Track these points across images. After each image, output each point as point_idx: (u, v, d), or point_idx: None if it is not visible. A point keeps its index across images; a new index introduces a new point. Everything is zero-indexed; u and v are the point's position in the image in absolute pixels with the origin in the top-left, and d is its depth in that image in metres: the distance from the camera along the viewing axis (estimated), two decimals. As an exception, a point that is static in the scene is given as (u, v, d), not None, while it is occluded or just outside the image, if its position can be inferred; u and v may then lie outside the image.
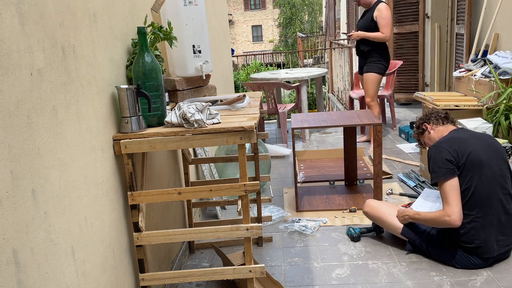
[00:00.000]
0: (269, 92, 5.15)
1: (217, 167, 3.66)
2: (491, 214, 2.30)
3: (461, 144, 2.34)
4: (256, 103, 2.31)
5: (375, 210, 2.73)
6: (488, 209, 2.30)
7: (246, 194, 1.82)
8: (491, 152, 2.36)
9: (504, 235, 2.35)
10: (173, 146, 1.75)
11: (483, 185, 2.29)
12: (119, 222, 1.76)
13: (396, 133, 5.22)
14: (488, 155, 2.34)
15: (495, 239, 2.33)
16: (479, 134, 2.47)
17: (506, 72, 3.65)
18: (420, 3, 6.42)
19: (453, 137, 2.41)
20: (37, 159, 1.21)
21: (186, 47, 2.31)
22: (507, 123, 3.47)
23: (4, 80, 1.09)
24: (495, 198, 2.30)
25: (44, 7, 1.29)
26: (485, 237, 2.31)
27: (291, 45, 28.78)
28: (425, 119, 2.61)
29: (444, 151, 2.33)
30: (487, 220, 2.30)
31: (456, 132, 2.47)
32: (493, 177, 2.31)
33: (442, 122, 2.54)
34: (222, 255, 2.45)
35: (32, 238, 1.16)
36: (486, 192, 2.29)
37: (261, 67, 16.12)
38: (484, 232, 2.31)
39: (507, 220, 2.34)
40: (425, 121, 2.60)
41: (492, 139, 2.47)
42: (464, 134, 2.43)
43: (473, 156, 2.30)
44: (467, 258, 2.37)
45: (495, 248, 2.34)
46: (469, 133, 2.46)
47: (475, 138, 2.39)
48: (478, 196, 2.29)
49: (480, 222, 2.30)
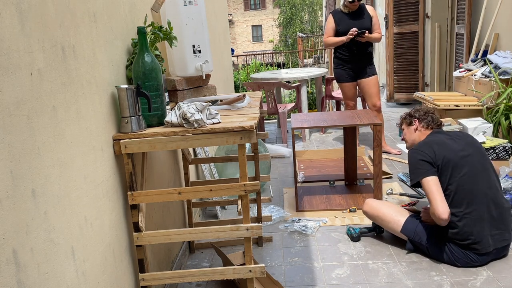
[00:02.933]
0: (269, 92, 5.15)
1: (217, 167, 3.66)
2: (480, 209, 2.35)
3: (438, 145, 2.44)
4: (256, 103, 2.31)
5: (375, 210, 2.73)
6: (476, 205, 2.35)
7: (246, 194, 1.82)
8: (470, 150, 2.43)
9: (498, 229, 2.37)
10: (173, 146, 1.75)
11: (466, 182, 2.36)
12: (119, 222, 1.76)
13: (396, 133, 5.22)
14: (466, 154, 2.41)
15: (490, 233, 2.36)
16: (456, 133, 2.55)
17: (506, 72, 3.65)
18: (420, 3, 6.42)
19: (430, 140, 2.51)
20: (37, 159, 1.21)
21: (186, 47, 2.31)
22: (507, 123, 3.47)
23: (4, 80, 1.09)
24: (480, 193, 2.36)
25: (44, 7, 1.29)
26: (478, 233, 2.34)
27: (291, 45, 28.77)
28: (420, 116, 2.67)
29: (421, 153, 2.44)
30: (477, 215, 2.34)
31: (433, 135, 2.57)
32: (474, 173, 2.38)
33: (431, 128, 2.63)
34: (222, 255, 2.45)
35: (32, 238, 1.16)
36: (470, 188, 2.35)
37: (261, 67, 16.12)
38: (476, 227, 2.34)
39: (499, 214, 2.38)
40: (418, 118, 2.67)
41: (470, 138, 2.55)
42: (440, 136, 2.52)
43: (450, 157, 2.39)
44: (466, 255, 2.38)
45: (491, 243, 2.36)
46: (446, 134, 2.55)
47: (452, 139, 2.49)
48: (463, 193, 2.35)
49: (470, 217, 2.34)
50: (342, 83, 4.48)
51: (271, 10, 33.85)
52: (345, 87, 4.48)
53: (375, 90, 4.34)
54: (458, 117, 3.83)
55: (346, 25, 4.25)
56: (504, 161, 3.31)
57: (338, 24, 4.32)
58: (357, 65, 4.34)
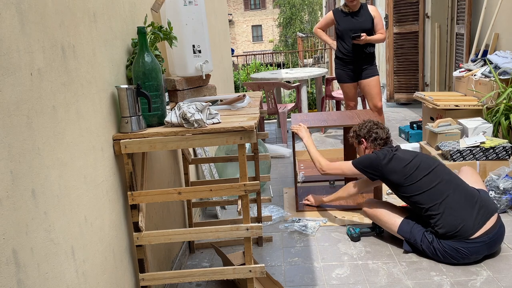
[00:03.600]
0: (269, 92, 5.15)
1: (217, 167, 3.66)
2: (452, 196, 2.45)
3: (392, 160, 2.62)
4: (256, 103, 2.31)
5: (374, 210, 2.74)
6: (445, 195, 2.45)
7: (246, 194, 1.82)
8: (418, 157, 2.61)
9: (476, 209, 2.42)
10: (173, 146, 1.75)
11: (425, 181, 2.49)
12: (119, 222, 1.76)
13: (396, 133, 5.22)
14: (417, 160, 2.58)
15: (471, 215, 2.40)
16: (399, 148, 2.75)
17: (506, 72, 3.65)
18: (420, 3, 6.42)
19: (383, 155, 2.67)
20: (37, 159, 1.21)
21: (186, 47, 2.31)
22: (507, 123, 3.47)
23: (4, 80, 1.09)
24: (443, 184, 2.48)
25: (44, 7, 1.29)
26: (460, 217, 2.40)
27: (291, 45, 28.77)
28: (367, 135, 2.82)
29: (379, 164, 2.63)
30: (451, 201, 2.43)
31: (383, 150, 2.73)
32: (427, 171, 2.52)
33: (379, 147, 2.80)
34: (222, 255, 2.45)
35: (32, 238, 1.16)
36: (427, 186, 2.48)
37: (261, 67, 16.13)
38: (457, 212, 2.41)
39: (470, 194, 2.46)
40: (365, 137, 2.82)
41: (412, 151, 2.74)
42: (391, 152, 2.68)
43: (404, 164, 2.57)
44: (458, 251, 2.39)
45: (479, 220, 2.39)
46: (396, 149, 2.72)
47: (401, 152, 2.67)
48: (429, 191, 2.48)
49: (447, 207, 2.43)
50: (342, 84, 4.47)
51: (271, 10, 33.85)
52: (346, 88, 4.47)
53: (376, 91, 4.31)
54: (458, 117, 3.82)
55: (346, 25, 4.23)
56: (504, 161, 3.31)
57: (338, 23, 4.31)
58: (358, 65, 4.32)
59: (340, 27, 4.28)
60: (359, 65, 4.31)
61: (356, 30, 4.17)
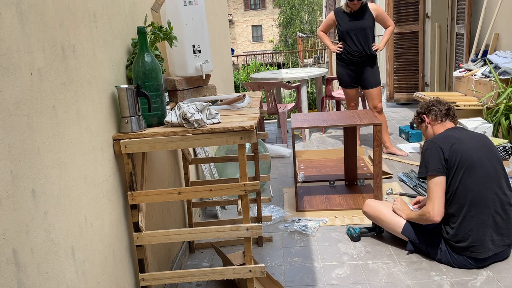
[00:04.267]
0: (269, 92, 5.15)
1: (217, 167, 3.66)
2: (486, 214, 2.31)
3: (456, 143, 2.36)
4: (256, 103, 2.31)
5: (375, 210, 2.73)
6: (483, 208, 2.31)
7: (246, 194, 1.82)
8: (486, 153, 2.37)
9: (499, 235, 2.35)
10: (173, 146, 1.75)
11: (477, 185, 2.31)
12: (119, 222, 1.76)
13: (396, 133, 5.22)
14: (483, 155, 2.35)
15: (491, 238, 2.33)
16: (475, 134, 2.48)
17: (506, 72, 3.65)
18: (420, 3, 6.42)
19: (449, 135, 2.43)
20: (37, 159, 1.21)
21: (186, 47, 2.31)
22: (507, 123, 3.47)
23: (4, 80, 1.09)
24: (489, 198, 2.31)
25: (44, 7, 1.29)
26: (479, 236, 2.32)
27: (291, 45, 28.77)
28: (426, 110, 2.61)
29: (438, 149, 2.36)
30: (480, 219, 2.31)
31: (452, 131, 2.48)
32: (487, 177, 2.32)
33: (440, 119, 2.54)
34: (222, 255, 2.45)
35: (32, 238, 1.16)
36: (479, 191, 2.31)
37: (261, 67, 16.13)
38: (478, 231, 2.31)
39: (502, 220, 2.35)
40: (425, 112, 2.61)
41: (487, 140, 2.47)
42: (460, 134, 2.43)
43: (467, 156, 2.32)
44: (464, 259, 2.37)
45: (491, 248, 2.34)
46: (465, 133, 2.46)
47: (471, 139, 2.40)
48: (472, 195, 2.31)
49: (472, 220, 2.32)
50: (343, 87, 4.49)
51: (271, 10, 33.85)
52: (347, 90, 4.50)
53: (376, 92, 4.34)
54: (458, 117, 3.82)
55: (347, 25, 4.24)
56: (504, 161, 3.31)
57: (339, 24, 4.32)
58: (358, 66, 4.32)
59: (341, 28, 4.28)
60: (361, 66, 4.32)
61: (357, 31, 4.18)
